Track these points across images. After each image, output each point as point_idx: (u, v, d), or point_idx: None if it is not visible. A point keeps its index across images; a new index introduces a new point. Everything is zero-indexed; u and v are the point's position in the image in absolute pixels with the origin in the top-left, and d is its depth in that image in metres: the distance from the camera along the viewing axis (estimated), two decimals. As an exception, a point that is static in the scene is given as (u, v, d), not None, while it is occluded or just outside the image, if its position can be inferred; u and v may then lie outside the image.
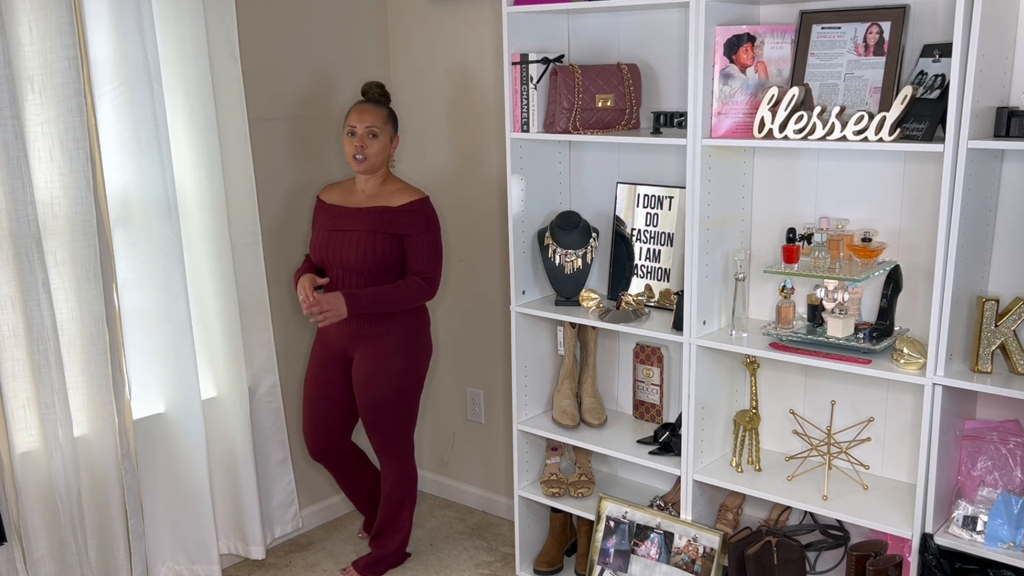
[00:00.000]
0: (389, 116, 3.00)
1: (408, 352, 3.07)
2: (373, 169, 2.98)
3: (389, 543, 3.28)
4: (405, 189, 3.02)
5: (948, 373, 2.25)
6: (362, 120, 2.94)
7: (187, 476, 3.10)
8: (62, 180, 2.65)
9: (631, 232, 2.95)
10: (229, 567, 3.35)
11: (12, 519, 2.67)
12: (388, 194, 3.01)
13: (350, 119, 2.96)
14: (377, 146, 2.95)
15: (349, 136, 2.95)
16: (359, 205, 3.01)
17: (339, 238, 2.97)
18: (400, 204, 2.97)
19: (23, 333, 2.62)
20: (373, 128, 2.93)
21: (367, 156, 2.94)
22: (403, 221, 2.95)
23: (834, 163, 2.56)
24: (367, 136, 2.93)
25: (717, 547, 2.64)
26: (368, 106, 2.97)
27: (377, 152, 2.95)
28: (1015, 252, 2.32)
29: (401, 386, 3.07)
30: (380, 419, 3.08)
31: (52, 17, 2.54)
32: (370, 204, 3.00)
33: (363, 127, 2.93)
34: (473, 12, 3.34)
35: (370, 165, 2.96)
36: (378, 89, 3.03)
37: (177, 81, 2.92)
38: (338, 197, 3.07)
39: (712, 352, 2.64)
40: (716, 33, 2.44)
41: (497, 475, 3.70)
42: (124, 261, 2.91)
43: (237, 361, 3.16)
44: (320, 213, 3.09)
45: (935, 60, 2.27)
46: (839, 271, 2.43)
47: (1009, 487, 2.30)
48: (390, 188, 3.02)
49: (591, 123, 2.78)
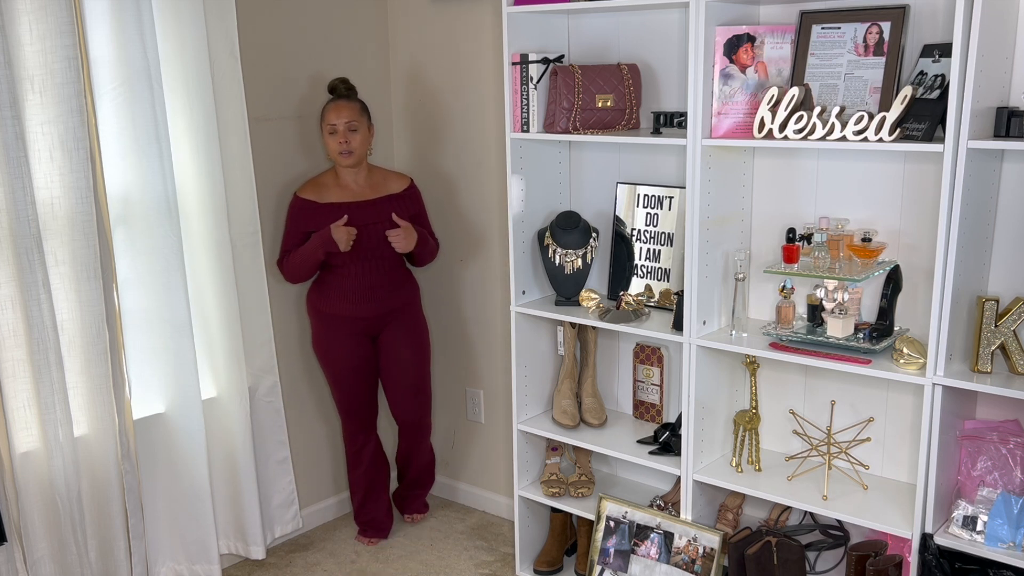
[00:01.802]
0: (363, 108, 3.18)
1: (423, 321, 3.45)
2: (359, 161, 3.18)
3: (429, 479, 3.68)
4: (394, 175, 3.32)
5: (948, 373, 2.25)
6: (340, 117, 3.10)
7: (187, 476, 3.10)
8: (62, 180, 2.65)
9: (631, 232, 2.95)
10: (229, 567, 3.35)
11: (12, 519, 2.67)
12: (383, 182, 3.26)
13: (328, 118, 3.13)
14: (359, 139, 3.13)
15: (331, 135, 3.13)
16: (364, 198, 3.19)
17: (370, 231, 3.16)
18: (401, 189, 3.26)
19: (23, 333, 2.62)
20: (352, 123, 3.11)
21: (353, 150, 3.12)
22: (412, 203, 3.28)
23: (834, 163, 2.56)
24: (348, 131, 3.11)
25: (717, 547, 2.64)
26: (341, 102, 3.14)
27: (360, 144, 3.14)
28: (1015, 252, 2.32)
29: (427, 351, 3.46)
30: (420, 383, 3.43)
31: (52, 17, 2.54)
32: (375, 195, 3.21)
33: (343, 123, 3.10)
34: (473, 12, 3.34)
35: (356, 158, 3.15)
36: (344, 85, 3.19)
37: (177, 81, 2.92)
38: (332, 195, 3.18)
39: (712, 352, 2.64)
40: (716, 33, 2.44)
41: (497, 475, 3.70)
42: (124, 261, 2.91)
43: (237, 361, 3.16)
44: (315, 213, 3.15)
45: (935, 60, 2.27)
46: (839, 271, 2.43)
47: (1009, 487, 2.30)
48: (380, 176, 3.28)
49: (591, 123, 2.78)
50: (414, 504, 3.66)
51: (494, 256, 3.47)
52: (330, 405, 3.61)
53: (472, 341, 3.65)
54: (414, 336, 3.38)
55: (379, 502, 3.51)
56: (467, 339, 3.66)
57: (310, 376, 3.56)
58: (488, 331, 3.59)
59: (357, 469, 3.47)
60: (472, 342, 3.65)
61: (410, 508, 3.66)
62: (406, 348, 3.36)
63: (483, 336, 3.61)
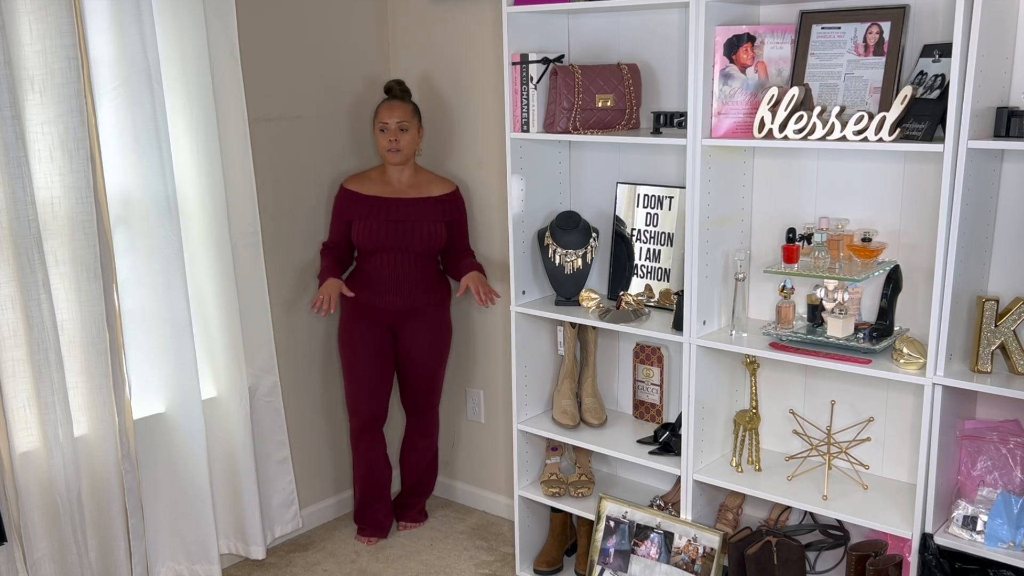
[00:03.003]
0: (414, 110, 3.26)
1: (449, 323, 3.49)
2: (407, 160, 3.25)
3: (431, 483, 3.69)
4: (438, 179, 3.36)
5: (948, 373, 2.25)
6: (392, 116, 3.19)
7: (187, 476, 3.10)
8: (62, 180, 2.65)
9: (631, 232, 2.95)
10: (229, 567, 3.35)
11: (12, 519, 2.67)
12: (426, 184, 3.31)
13: (380, 116, 3.21)
14: (408, 138, 3.21)
15: (381, 132, 3.21)
16: (404, 195, 3.27)
17: (401, 228, 3.23)
18: (442, 194, 3.31)
19: (23, 333, 2.62)
20: (403, 123, 3.20)
21: (401, 148, 3.20)
22: (451, 209, 3.32)
23: (834, 163, 2.56)
24: (398, 130, 3.19)
25: (717, 547, 2.64)
26: (395, 102, 3.23)
27: (408, 144, 3.22)
28: (1015, 252, 2.32)
29: (447, 351, 3.51)
30: (435, 380, 3.48)
31: (52, 17, 2.54)
32: (415, 195, 3.28)
33: (394, 122, 3.19)
34: (473, 12, 3.34)
35: (404, 156, 3.22)
36: (399, 86, 3.28)
37: (177, 81, 2.92)
38: (375, 188, 3.28)
39: (712, 352, 2.64)
40: (716, 33, 2.44)
41: (497, 475, 3.70)
42: (124, 261, 2.91)
43: (237, 361, 3.16)
44: (358, 203, 3.26)
45: (935, 60, 2.27)
46: (839, 271, 2.43)
47: (1009, 487, 2.30)
48: (424, 178, 3.33)
49: (591, 123, 2.78)
50: (410, 512, 3.64)
51: (494, 256, 3.47)
52: (331, 405, 3.61)
53: (472, 341, 3.65)
54: (437, 333, 3.42)
55: (381, 503, 3.51)
56: (467, 339, 3.66)
57: (310, 376, 3.56)
58: (488, 331, 3.59)
59: (361, 468, 3.47)
60: (472, 342, 3.65)
61: (407, 516, 3.63)
62: (426, 343, 3.40)
63: (483, 336, 3.61)
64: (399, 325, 3.36)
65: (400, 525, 3.63)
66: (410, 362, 3.42)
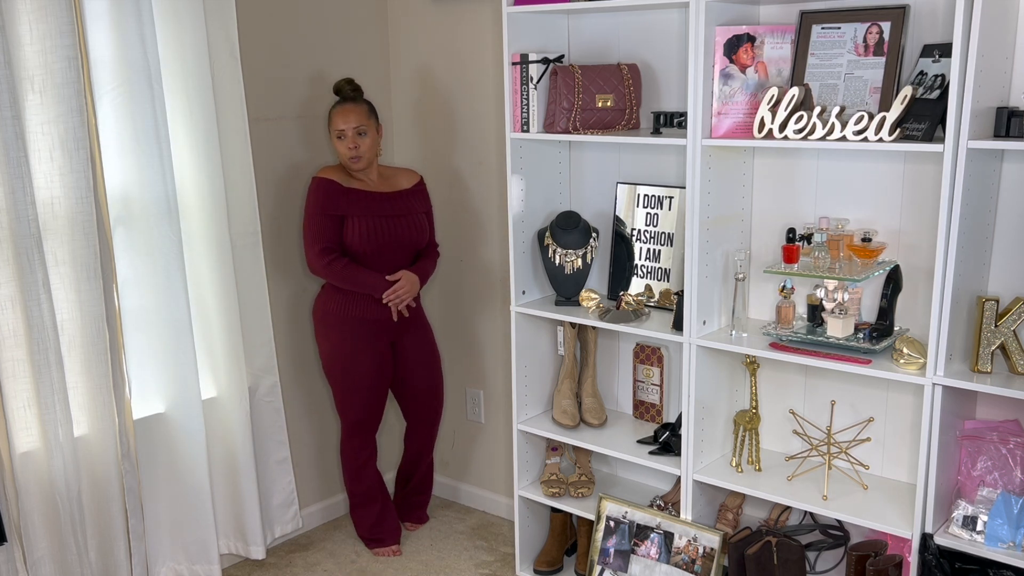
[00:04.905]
0: (370, 110, 3.12)
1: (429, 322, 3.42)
2: (370, 163, 3.13)
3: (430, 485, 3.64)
4: (403, 171, 3.28)
5: (948, 373, 2.25)
6: (347, 122, 3.05)
7: (187, 476, 3.10)
8: (62, 180, 2.65)
9: (631, 232, 2.95)
10: (229, 567, 3.35)
11: (12, 519, 2.67)
12: (395, 177, 3.23)
13: (335, 123, 3.07)
14: (368, 142, 3.09)
15: (339, 139, 3.07)
16: (379, 190, 3.16)
17: (394, 223, 3.12)
18: (413, 185, 3.23)
19: (23, 333, 2.62)
20: (360, 127, 3.06)
21: (362, 155, 3.07)
22: (424, 199, 3.25)
23: (834, 163, 2.56)
24: (356, 135, 3.06)
25: (717, 547, 2.64)
26: (348, 106, 3.07)
27: (369, 148, 3.10)
28: (1015, 252, 2.32)
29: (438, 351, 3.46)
30: (439, 383, 3.44)
31: (52, 17, 2.54)
32: (391, 188, 3.18)
33: (351, 128, 3.05)
34: (473, 12, 3.34)
35: (367, 161, 3.10)
36: (350, 86, 3.11)
37: (177, 81, 2.92)
38: (355, 182, 3.13)
39: (712, 352, 2.64)
40: (716, 33, 2.44)
41: (497, 475, 3.70)
42: (124, 261, 2.91)
43: (237, 361, 3.16)
44: (347, 198, 3.06)
45: (935, 60, 2.27)
46: (839, 271, 2.43)
47: (1009, 487, 2.30)
48: (390, 172, 3.24)
49: (591, 123, 2.78)
50: (416, 513, 3.62)
51: (494, 256, 3.47)
52: (331, 405, 3.60)
53: (472, 341, 3.65)
54: (429, 337, 3.38)
55: (391, 511, 3.46)
56: (467, 339, 3.66)
57: (310, 376, 3.56)
58: (488, 331, 3.59)
59: (361, 483, 3.36)
60: (472, 342, 3.65)
61: (412, 516, 3.61)
62: (425, 352, 3.36)
63: (483, 336, 3.61)
64: (398, 334, 3.26)
65: (407, 525, 3.62)
66: (417, 370, 3.34)
